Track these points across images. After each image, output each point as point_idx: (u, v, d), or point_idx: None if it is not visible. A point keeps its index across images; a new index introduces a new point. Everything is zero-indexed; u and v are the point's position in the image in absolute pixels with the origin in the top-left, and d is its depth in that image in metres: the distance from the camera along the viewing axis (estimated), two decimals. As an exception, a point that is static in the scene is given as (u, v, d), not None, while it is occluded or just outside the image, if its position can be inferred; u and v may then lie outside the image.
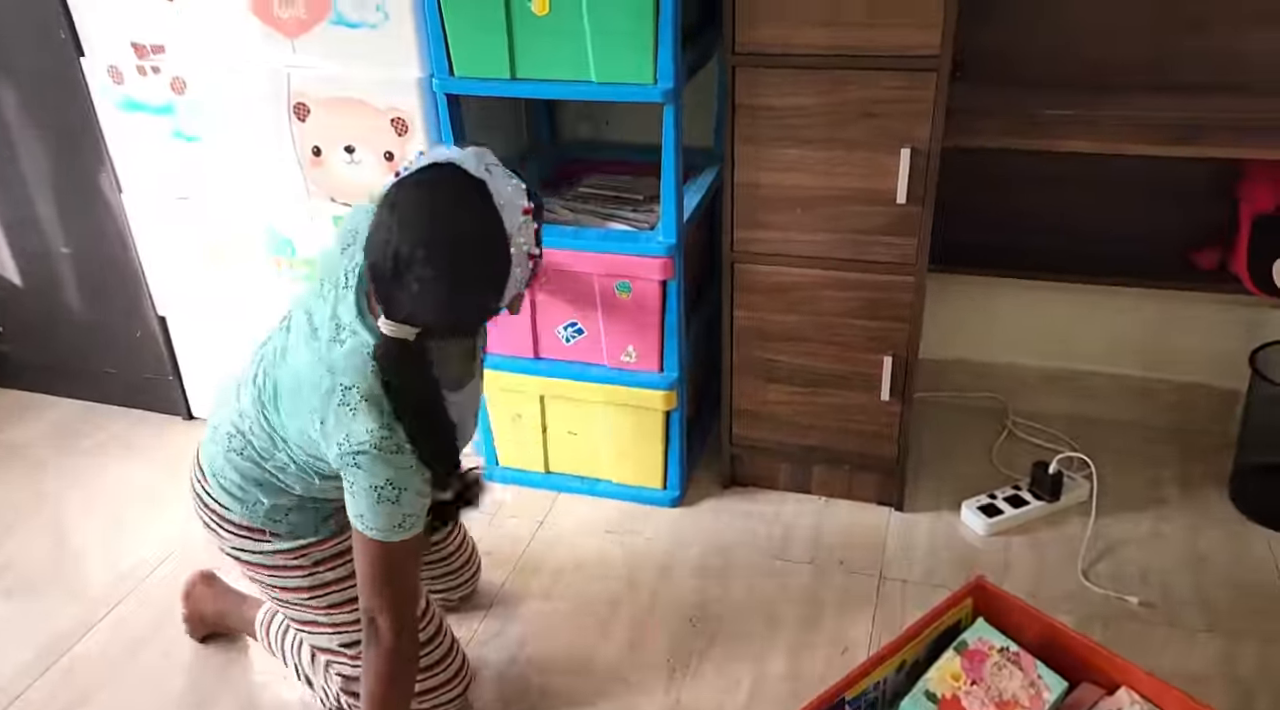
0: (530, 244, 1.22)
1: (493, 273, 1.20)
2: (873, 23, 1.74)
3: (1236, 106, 1.80)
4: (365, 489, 1.26)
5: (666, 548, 2.16)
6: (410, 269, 1.16)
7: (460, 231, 1.18)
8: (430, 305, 1.19)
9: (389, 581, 1.31)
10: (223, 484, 1.44)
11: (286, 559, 1.46)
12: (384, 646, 1.34)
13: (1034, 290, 2.39)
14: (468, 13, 1.82)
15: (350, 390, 1.24)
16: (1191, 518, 2.16)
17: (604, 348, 2.11)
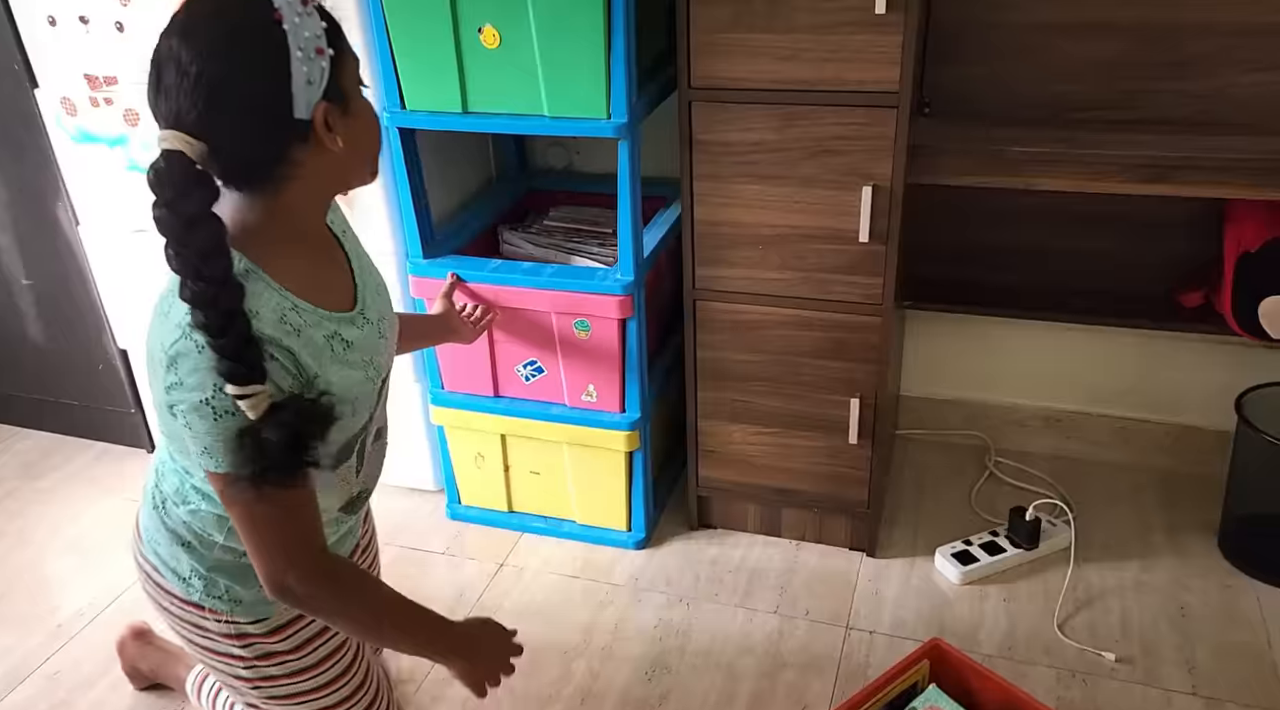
0: (318, 37, 1.01)
1: (259, 50, 0.99)
2: (831, 58, 1.68)
3: (1213, 145, 1.72)
4: (195, 405, 1.01)
5: (629, 594, 2.09)
6: (166, 61, 0.98)
7: (211, 8, 1.00)
8: (194, 93, 0.97)
9: (272, 531, 1.08)
10: (157, 551, 1.25)
11: (231, 645, 1.26)
12: (304, 601, 1.13)
13: (1018, 328, 2.31)
14: (418, 45, 1.77)
15: (165, 296, 1.06)
16: (1177, 568, 2.07)
17: (564, 387, 2.05)
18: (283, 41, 0.99)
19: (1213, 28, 1.80)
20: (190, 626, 1.27)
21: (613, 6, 1.65)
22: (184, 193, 0.98)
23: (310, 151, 1.04)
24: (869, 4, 1.61)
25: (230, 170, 1.03)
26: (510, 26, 1.70)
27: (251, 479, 1.03)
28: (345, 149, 1.06)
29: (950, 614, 1.99)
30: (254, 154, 1.03)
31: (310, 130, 1.03)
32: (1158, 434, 2.34)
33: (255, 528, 1.08)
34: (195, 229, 0.98)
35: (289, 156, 1.04)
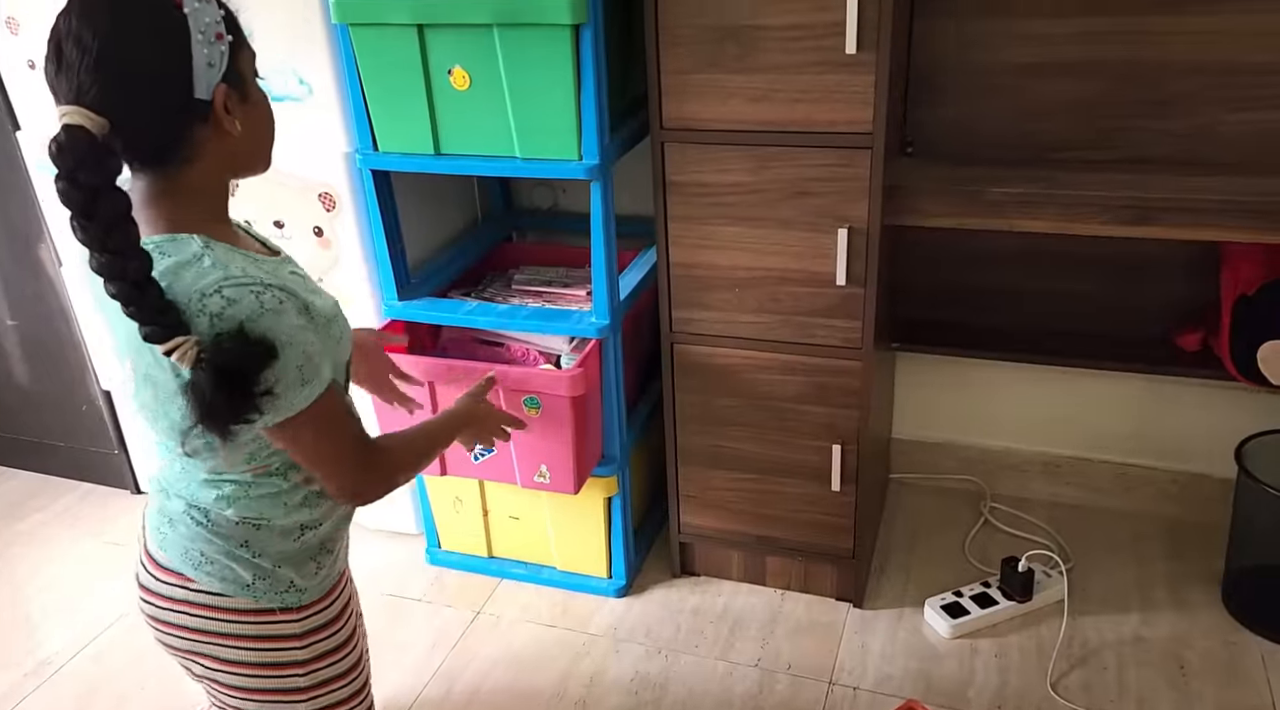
0: (218, 23, 1.04)
1: (160, 32, 1.00)
2: (802, 99, 1.65)
3: (1199, 186, 1.66)
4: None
5: (606, 645, 2.03)
6: (66, 38, 0.99)
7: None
8: (96, 70, 0.98)
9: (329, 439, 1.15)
10: (213, 574, 1.20)
11: (294, 649, 1.23)
12: (379, 488, 1.24)
13: (1014, 370, 2.25)
14: (389, 87, 1.76)
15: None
16: (1178, 622, 1.98)
17: (515, 467, 1.93)
18: (184, 24, 1.02)
19: (1198, 67, 1.75)
20: (254, 645, 1.22)
21: (581, 48, 1.63)
22: (85, 164, 0.97)
23: (210, 133, 1.07)
24: (839, 45, 1.58)
25: (133, 147, 1.04)
26: (480, 68, 1.68)
27: (211, 419, 1.03)
28: (243, 134, 1.09)
29: (938, 670, 1.91)
30: (156, 132, 1.05)
31: (210, 112, 1.05)
32: (1161, 481, 2.26)
33: (318, 447, 1.15)
34: (99, 199, 0.98)
35: (190, 136, 1.06)
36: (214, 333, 1.02)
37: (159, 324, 1.01)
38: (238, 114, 1.08)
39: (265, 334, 1.03)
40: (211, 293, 1.03)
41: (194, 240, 1.06)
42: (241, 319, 1.03)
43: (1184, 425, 2.19)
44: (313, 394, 1.10)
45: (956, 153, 1.95)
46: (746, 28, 1.63)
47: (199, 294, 1.03)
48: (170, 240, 1.06)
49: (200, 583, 1.20)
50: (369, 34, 1.71)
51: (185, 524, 1.20)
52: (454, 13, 1.63)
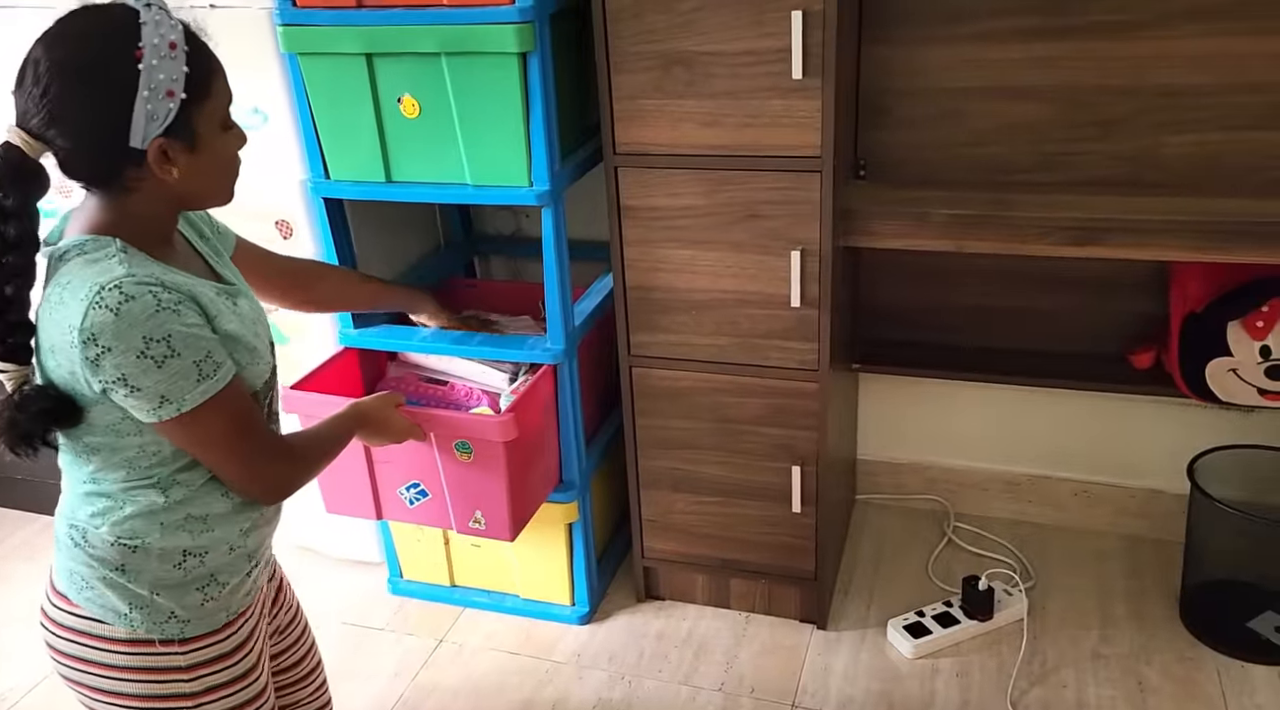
0: (175, 81, 1.08)
1: (109, 80, 1.05)
2: (751, 123, 1.67)
3: (1143, 207, 1.69)
4: (134, 362, 1.06)
5: (570, 672, 2.01)
6: (29, 65, 1.06)
7: (83, 28, 1.07)
8: (42, 100, 1.05)
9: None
10: (90, 598, 1.18)
11: (178, 681, 1.20)
12: (282, 488, 1.25)
13: (974, 389, 2.26)
14: (339, 116, 1.76)
15: (50, 298, 1.11)
16: (1136, 639, 1.99)
17: (450, 512, 1.85)
18: (132, 78, 1.06)
19: (1138, 90, 1.78)
20: (134, 676, 1.20)
21: (529, 75, 1.64)
22: (8, 185, 1.07)
23: (145, 175, 1.11)
24: (786, 70, 1.60)
25: (68, 172, 1.11)
26: (429, 96, 1.69)
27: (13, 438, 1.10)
28: (184, 178, 1.13)
29: (900, 690, 1.91)
30: (87, 166, 1.11)
31: (144, 158, 1.10)
32: (1120, 498, 2.27)
33: (219, 444, 1.16)
34: (8, 221, 1.07)
35: (122, 174, 1.11)
36: (89, 333, 1.05)
37: (4, 342, 1.10)
38: (179, 162, 1.11)
39: (157, 332, 1.07)
40: (111, 287, 1.06)
41: (113, 242, 1.11)
42: (142, 329, 1.06)
43: (1140, 442, 2.21)
44: (213, 389, 1.12)
45: (907, 176, 1.97)
46: (694, 53, 1.65)
47: (98, 286, 1.06)
48: (92, 239, 1.11)
49: (82, 608, 1.19)
50: (318, 63, 1.71)
51: (66, 545, 1.20)
52: (402, 42, 1.64)
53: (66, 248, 1.11)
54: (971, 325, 2.15)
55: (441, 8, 1.61)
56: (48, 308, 1.10)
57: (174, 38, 1.08)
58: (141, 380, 1.07)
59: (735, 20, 1.60)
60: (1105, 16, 1.76)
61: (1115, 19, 1.76)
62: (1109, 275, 1.99)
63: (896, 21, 1.87)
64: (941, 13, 1.84)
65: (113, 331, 1.05)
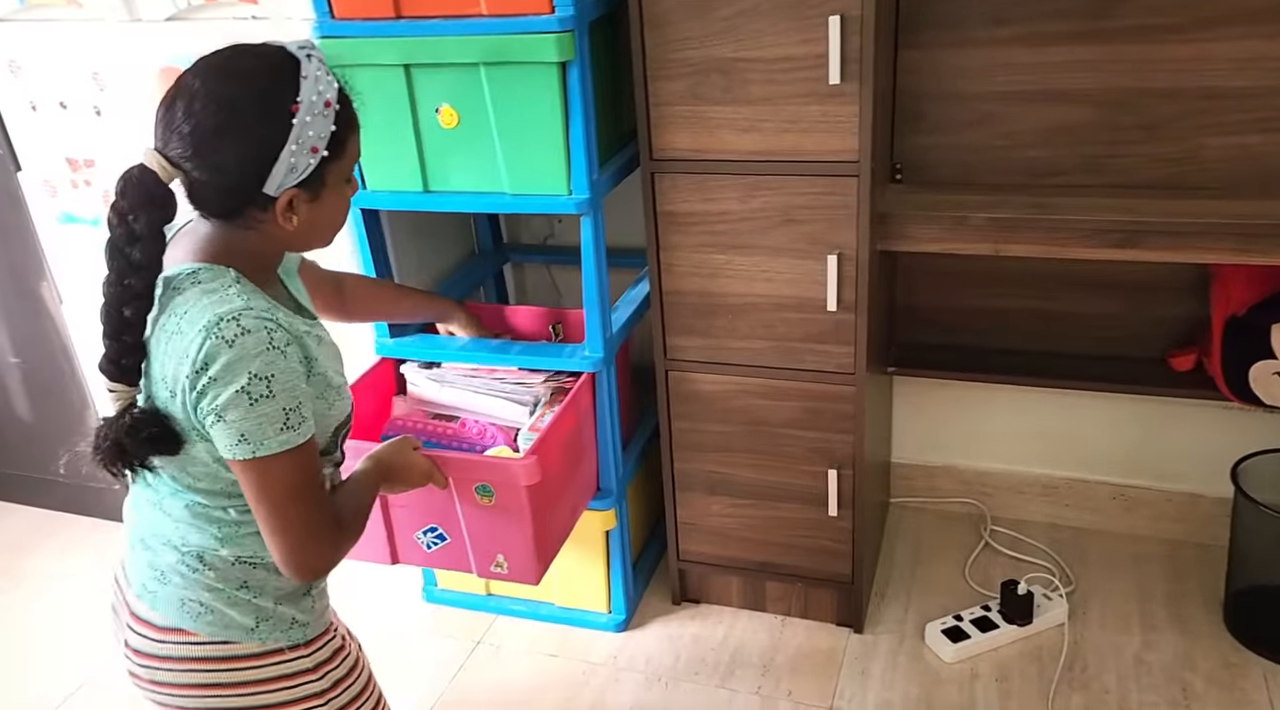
0: (321, 138, 1.10)
1: (262, 127, 1.07)
2: (789, 129, 1.67)
3: (1185, 209, 1.67)
4: (231, 397, 1.07)
5: (607, 674, 2.02)
6: (183, 94, 1.08)
7: (248, 70, 1.09)
8: (186, 132, 1.07)
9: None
10: (214, 621, 1.18)
11: (308, 682, 1.23)
12: (328, 565, 1.19)
13: (1011, 393, 2.25)
14: (376, 125, 1.77)
15: (168, 327, 1.11)
16: (1180, 644, 1.97)
17: (470, 556, 1.76)
18: (285, 132, 1.08)
19: (1180, 93, 1.76)
20: (269, 687, 1.22)
21: (568, 84, 1.64)
22: (139, 209, 1.08)
23: (267, 217, 1.13)
24: (823, 76, 1.60)
25: (194, 201, 1.13)
26: (467, 106, 1.70)
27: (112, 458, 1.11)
28: (299, 228, 1.15)
29: (939, 695, 1.90)
30: (217, 200, 1.12)
31: (272, 205, 1.12)
32: (1159, 502, 2.25)
33: (276, 499, 1.11)
34: (135, 243, 1.08)
35: (245, 214, 1.13)
36: (202, 363, 1.06)
37: (117, 363, 1.10)
38: (300, 213, 1.14)
39: (264, 370, 1.07)
40: (230, 319, 1.07)
41: (228, 272, 1.12)
42: (250, 365, 1.06)
43: (1180, 446, 2.19)
44: (292, 441, 1.10)
45: (945, 179, 1.96)
46: (732, 60, 1.65)
47: (217, 317, 1.07)
48: (207, 268, 1.12)
49: (203, 635, 1.18)
50: (356, 75, 1.70)
51: (179, 574, 1.18)
52: (440, 52, 1.65)
53: (180, 275, 1.11)
54: (1008, 329, 2.13)
55: (481, 18, 1.63)
56: (163, 336, 1.10)
57: (330, 96, 1.10)
58: (231, 413, 1.07)
59: (772, 27, 1.60)
60: (1146, 19, 1.74)
61: (1156, 22, 1.74)
62: (1149, 278, 1.98)
63: (935, 25, 1.87)
64: (981, 17, 1.83)
65: (224, 363, 1.06)
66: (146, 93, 1.97)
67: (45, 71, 2.04)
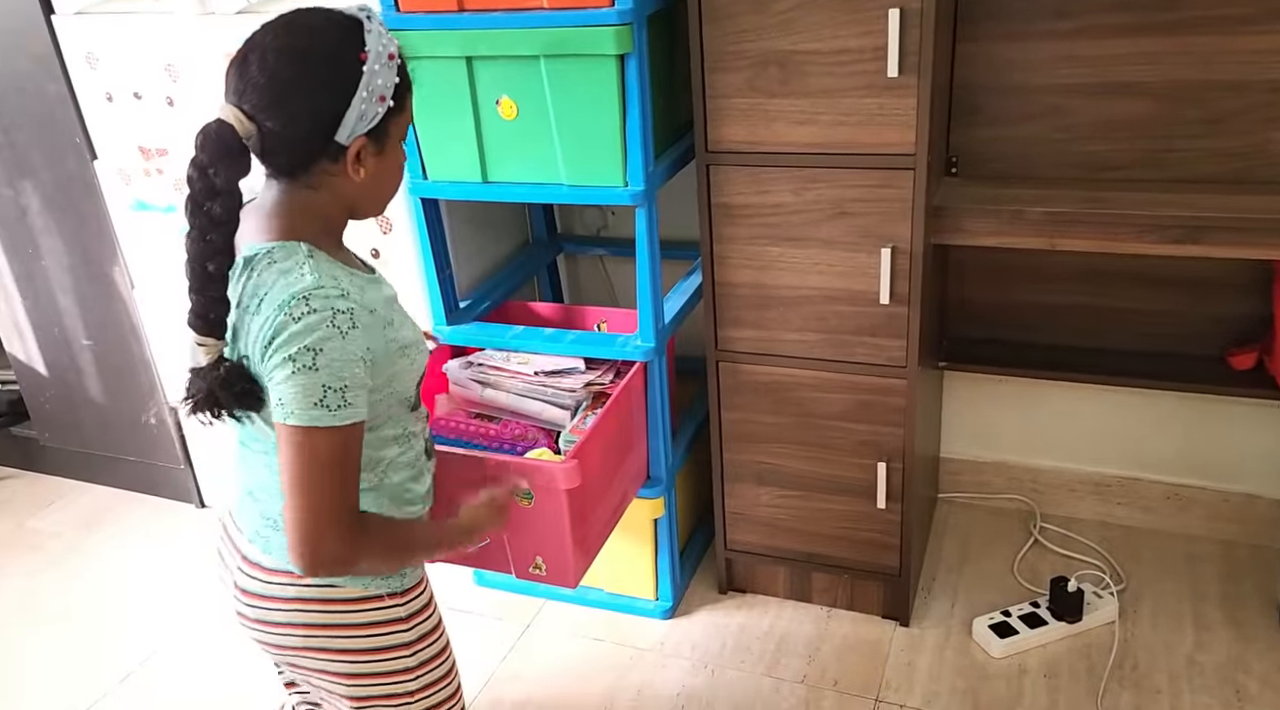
0: (387, 88, 1.15)
1: (335, 74, 1.12)
2: (845, 121, 1.68)
3: (1248, 205, 1.65)
4: (286, 356, 1.11)
5: (653, 661, 2.05)
6: (255, 48, 1.12)
7: (316, 22, 1.14)
8: (262, 83, 1.11)
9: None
10: None
11: (399, 632, 1.28)
12: (328, 562, 1.16)
13: (1063, 389, 2.23)
14: (438, 116, 1.82)
15: (281, 299, 1.13)
16: (1233, 645, 1.95)
17: (510, 557, 1.75)
18: (356, 78, 1.12)
19: (1246, 86, 1.74)
20: (365, 632, 1.27)
21: (626, 76, 1.67)
22: (218, 163, 1.10)
23: (337, 171, 1.17)
24: (881, 68, 1.61)
25: (267, 156, 1.16)
26: (527, 98, 1.73)
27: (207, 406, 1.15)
28: (366, 182, 1.19)
29: (986, 690, 1.90)
30: (291, 152, 1.15)
31: (343, 155, 1.15)
32: (1214, 501, 2.22)
33: (297, 476, 1.12)
34: (216, 197, 1.11)
35: (318, 167, 1.16)
36: (270, 336, 1.10)
37: (205, 318, 1.13)
38: (368, 165, 1.17)
39: (316, 344, 1.10)
40: (300, 298, 1.10)
41: (300, 247, 1.16)
42: (305, 339, 1.09)
43: (1237, 445, 2.16)
44: (322, 421, 1.10)
45: (1001, 173, 1.95)
46: (789, 52, 1.66)
47: (290, 296, 1.11)
48: (281, 246, 1.16)
49: (311, 580, 1.23)
50: (419, 67, 1.74)
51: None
52: (501, 45, 1.68)
53: (257, 256, 1.15)
54: (1060, 324, 2.12)
55: (541, 10, 1.66)
56: (246, 317, 1.15)
57: (393, 49, 1.16)
58: (277, 374, 1.11)
59: (831, 19, 1.61)
60: (1211, 11, 1.72)
61: (1221, 13, 1.72)
62: (1209, 274, 1.95)
63: (995, 18, 1.86)
64: (1041, 9, 1.83)
65: (287, 335, 1.10)
66: (218, 83, 2.03)
67: (120, 63, 2.11)
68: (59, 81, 2.22)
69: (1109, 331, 2.09)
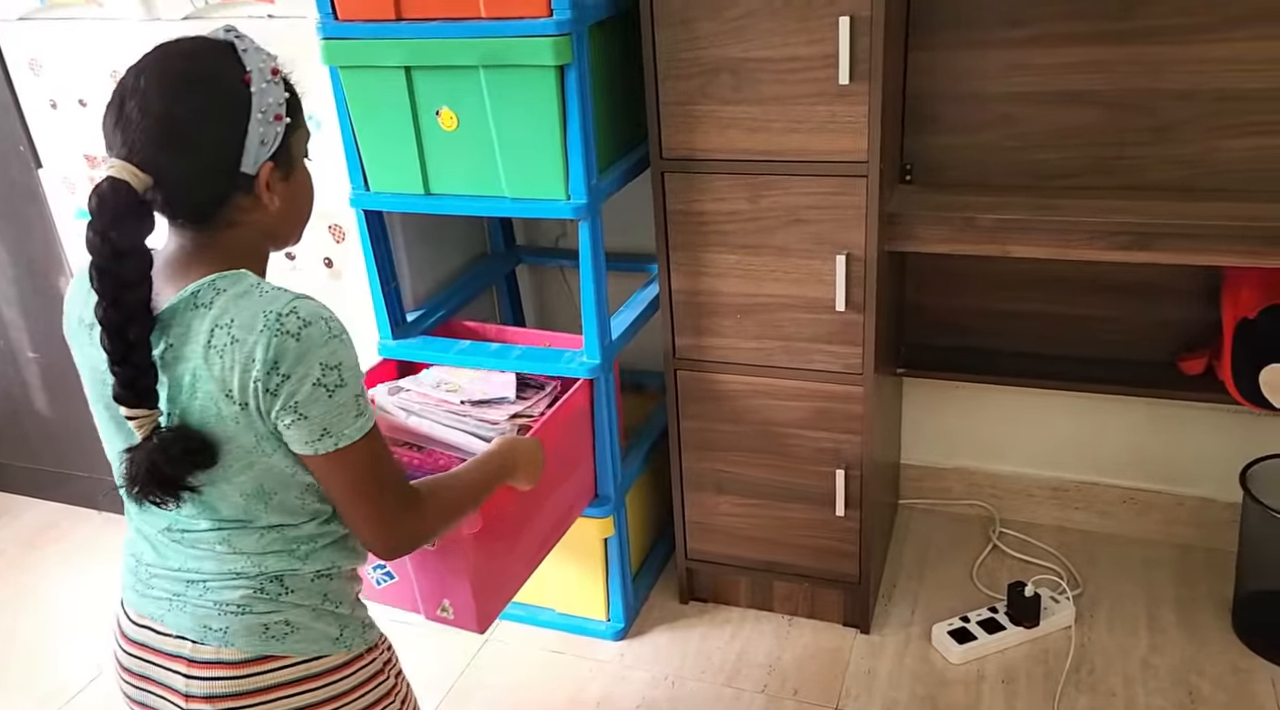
0: (280, 105, 1.08)
1: (224, 101, 1.04)
2: (798, 128, 1.68)
3: (1197, 212, 1.67)
4: (310, 390, 1.04)
5: (613, 672, 2.03)
6: (131, 95, 1.02)
7: (188, 51, 1.06)
8: (149, 129, 1.01)
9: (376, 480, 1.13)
10: (304, 642, 1.14)
11: (380, 685, 1.22)
12: (421, 537, 1.20)
13: (1021, 395, 2.25)
14: (378, 127, 1.77)
15: (229, 332, 1.06)
16: (1187, 648, 1.96)
17: (418, 597, 1.66)
18: (247, 102, 1.05)
19: (1194, 94, 1.76)
20: (356, 695, 1.19)
21: (566, 88, 1.63)
22: (118, 223, 1.01)
23: (250, 204, 1.10)
24: (832, 76, 1.61)
25: (172, 205, 1.07)
26: (467, 109, 1.70)
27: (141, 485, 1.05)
28: (281, 209, 1.12)
29: (945, 697, 1.90)
30: (197, 196, 1.07)
31: (253, 185, 1.09)
32: (1169, 505, 2.24)
33: (360, 484, 1.12)
34: (123, 260, 1.02)
35: (230, 205, 1.08)
36: (272, 361, 1.02)
37: (133, 388, 1.03)
38: (278, 191, 1.11)
39: (331, 359, 1.05)
40: (288, 312, 1.04)
41: (246, 274, 1.08)
42: (319, 355, 1.04)
43: (1190, 449, 2.18)
44: (366, 426, 1.10)
45: (955, 180, 1.96)
46: (741, 59, 1.66)
47: (275, 314, 1.03)
48: (222, 276, 1.07)
49: (294, 655, 1.14)
50: (357, 76, 1.73)
51: (259, 601, 1.13)
52: (440, 55, 1.65)
53: (197, 291, 1.06)
54: (1018, 330, 2.13)
55: (479, 20, 1.62)
56: (212, 355, 1.04)
57: (274, 64, 1.10)
58: (311, 409, 1.05)
59: (782, 27, 1.61)
60: (1162, 20, 1.74)
61: (1172, 23, 1.74)
62: (1160, 281, 1.97)
63: (948, 26, 1.87)
64: (995, 17, 1.84)
65: (294, 356, 1.03)
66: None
67: (65, 70, 2.07)
68: (1, 88, 2.17)
69: (1064, 337, 2.10)
